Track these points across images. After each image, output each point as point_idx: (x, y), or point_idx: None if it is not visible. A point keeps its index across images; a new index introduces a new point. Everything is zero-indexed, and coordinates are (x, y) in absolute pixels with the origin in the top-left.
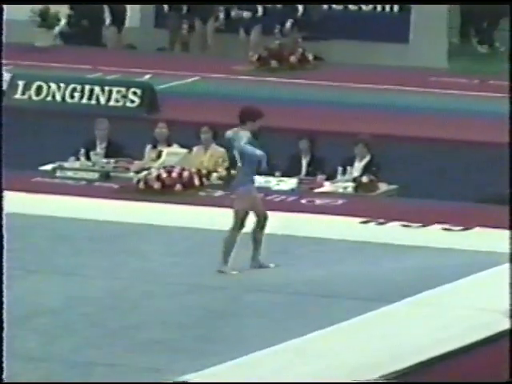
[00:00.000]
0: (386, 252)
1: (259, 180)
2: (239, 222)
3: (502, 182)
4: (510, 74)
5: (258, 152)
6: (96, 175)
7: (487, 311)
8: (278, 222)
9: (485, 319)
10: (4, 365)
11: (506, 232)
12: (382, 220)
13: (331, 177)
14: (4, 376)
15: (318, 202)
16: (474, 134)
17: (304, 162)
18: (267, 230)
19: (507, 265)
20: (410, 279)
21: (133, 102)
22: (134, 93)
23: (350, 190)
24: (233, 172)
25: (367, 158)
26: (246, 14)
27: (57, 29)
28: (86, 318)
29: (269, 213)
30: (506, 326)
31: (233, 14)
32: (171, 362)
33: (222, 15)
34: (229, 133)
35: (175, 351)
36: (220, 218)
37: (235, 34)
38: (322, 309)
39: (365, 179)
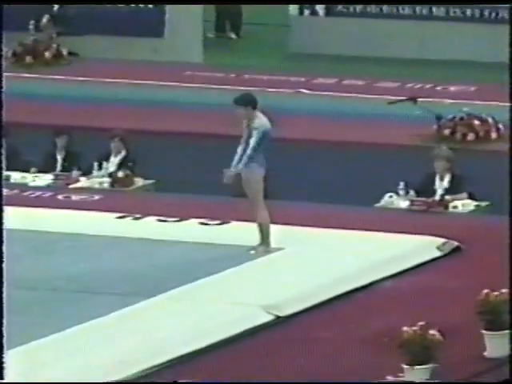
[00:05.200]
0: (143, 247)
1: (15, 176)
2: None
3: None
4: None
5: None
6: None
7: (245, 305)
8: (35, 219)
9: (243, 313)
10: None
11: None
12: (138, 215)
13: (87, 172)
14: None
15: (74, 197)
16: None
17: (59, 158)
18: (18, 226)
19: (262, 258)
20: (167, 274)
21: None
22: None
23: (106, 185)
24: None
25: (123, 153)
26: None
27: None
28: None
29: (25, 209)
30: (264, 319)
31: None
32: None
33: None
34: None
35: None
36: None
37: None
38: (80, 305)
39: (120, 174)
